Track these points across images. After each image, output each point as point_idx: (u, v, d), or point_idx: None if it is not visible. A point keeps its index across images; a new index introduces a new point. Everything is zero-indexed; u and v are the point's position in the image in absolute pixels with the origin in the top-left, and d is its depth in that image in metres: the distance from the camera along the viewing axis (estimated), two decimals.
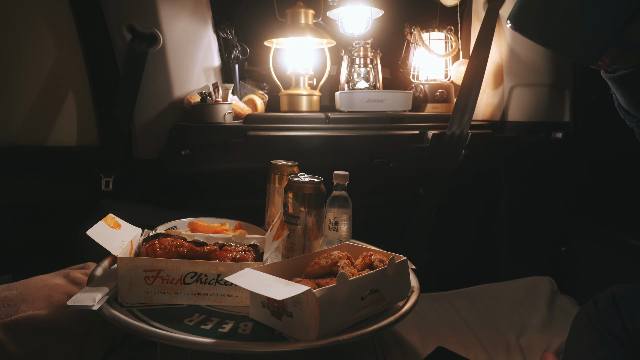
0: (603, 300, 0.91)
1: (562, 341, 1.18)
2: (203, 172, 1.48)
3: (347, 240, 1.11)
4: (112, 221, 0.94)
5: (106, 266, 0.97)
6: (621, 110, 0.80)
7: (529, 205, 1.63)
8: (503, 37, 1.56)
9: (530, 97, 1.56)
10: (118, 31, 1.45)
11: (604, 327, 0.87)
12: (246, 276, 0.75)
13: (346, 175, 1.12)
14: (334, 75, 1.81)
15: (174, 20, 1.48)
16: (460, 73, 1.64)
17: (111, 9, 1.43)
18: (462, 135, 1.47)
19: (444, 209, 1.54)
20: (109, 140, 1.50)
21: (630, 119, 0.79)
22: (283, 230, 0.92)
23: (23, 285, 0.96)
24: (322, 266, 0.85)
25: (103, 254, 0.96)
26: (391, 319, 0.80)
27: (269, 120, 1.49)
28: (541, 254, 1.63)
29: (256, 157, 1.42)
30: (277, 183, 1.17)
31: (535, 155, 1.59)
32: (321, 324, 0.71)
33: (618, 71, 0.72)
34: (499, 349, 1.20)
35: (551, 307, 1.40)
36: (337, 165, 1.14)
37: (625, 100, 0.77)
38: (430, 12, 1.76)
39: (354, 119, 1.53)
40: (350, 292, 0.76)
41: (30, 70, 1.47)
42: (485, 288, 1.50)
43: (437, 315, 1.36)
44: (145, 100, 1.50)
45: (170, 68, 1.50)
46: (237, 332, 0.75)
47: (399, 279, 0.86)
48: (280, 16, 1.67)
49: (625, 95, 0.75)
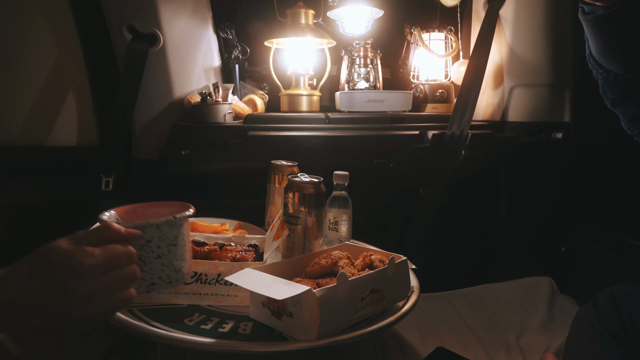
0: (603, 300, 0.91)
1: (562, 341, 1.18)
2: (203, 172, 1.48)
3: (347, 240, 1.11)
4: None
5: None
6: (590, 59, 0.80)
7: (529, 206, 1.63)
8: (503, 37, 1.56)
9: (530, 97, 1.56)
10: (118, 31, 1.45)
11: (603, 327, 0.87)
12: (246, 276, 0.75)
13: (346, 175, 1.12)
14: (334, 76, 1.81)
15: (174, 20, 1.48)
16: (460, 73, 1.64)
17: (111, 9, 1.43)
18: (462, 135, 1.47)
19: (444, 209, 1.54)
20: (109, 140, 1.50)
21: (597, 70, 0.80)
22: (283, 230, 0.92)
23: None
24: (322, 266, 0.85)
25: None
26: (391, 319, 0.80)
27: (269, 120, 1.49)
28: (541, 254, 1.63)
29: (256, 157, 1.41)
30: (277, 183, 1.17)
31: (535, 155, 1.59)
32: (321, 324, 0.71)
33: (596, 12, 0.73)
34: (498, 349, 1.20)
35: (551, 307, 1.40)
36: (337, 165, 1.14)
37: (597, 47, 0.77)
38: (431, 12, 1.76)
39: (354, 119, 1.53)
40: (350, 292, 0.76)
41: (30, 70, 1.47)
42: (485, 288, 1.50)
43: (437, 315, 1.36)
44: (145, 100, 1.50)
45: (171, 68, 1.50)
46: (237, 332, 0.75)
47: (399, 279, 0.86)
48: (281, 16, 1.67)
49: (598, 41, 0.75)
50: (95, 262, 0.56)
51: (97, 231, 0.59)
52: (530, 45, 1.52)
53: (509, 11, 1.53)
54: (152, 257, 0.64)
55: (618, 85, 0.78)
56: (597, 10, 0.73)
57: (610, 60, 0.76)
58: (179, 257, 0.67)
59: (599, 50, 0.77)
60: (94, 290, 0.56)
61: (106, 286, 0.57)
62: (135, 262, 0.60)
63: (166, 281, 0.66)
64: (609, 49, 0.75)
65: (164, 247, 0.65)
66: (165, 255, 0.65)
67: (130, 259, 0.59)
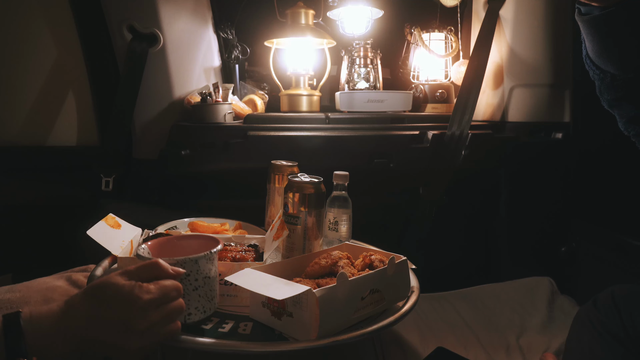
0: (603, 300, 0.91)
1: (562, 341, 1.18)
2: (203, 172, 1.48)
3: (347, 240, 1.11)
4: (112, 221, 0.94)
5: (106, 266, 0.97)
6: (587, 59, 0.80)
7: (529, 206, 1.63)
8: (503, 37, 1.56)
9: (530, 98, 1.56)
10: (118, 31, 1.45)
11: (603, 327, 0.87)
12: (246, 276, 0.75)
13: (346, 175, 1.12)
14: (334, 76, 1.81)
15: (174, 20, 1.48)
16: (460, 73, 1.64)
17: (111, 9, 1.43)
18: (462, 135, 1.47)
19: (444, 209, 1.54)
20: (109, 140, 1.50)
21: (594, 71, 0.79)
22: (283, 230, 0.92)
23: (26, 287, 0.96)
24: (322, 266, 0.85)
25: (103, 254, 0.96)
26: (391, 319, 0.80)
27: (269, 120, 1.49)
28: (541, 254, 1.63)
29: (256, 157, 1.42)
30: (277, 183, 1.17)
31: (535, 155, 1.59)
32: (321, 324, 0.71)
33: (593, 13, 0.72)
34: (498, 349, 1.20)
35: (551, 307, 1.40)
36: (337, 165, 1.14)
37: (593, 48, 0.76)
38: (431, 12, 1.76)
39: (354, 119, 1.53)
40: (350, 292, 0.76)
41: (31, 70, 1.47)
42: (485, 288, 1.50)
43: (437, 315, 1.36)
44: (145, 100, 1.50)
45: (171, 68, 1.50)
46: (237, 332, 0.75)
47: (398, 279, 0.86)
48: (281, 16, 1.67)
49: (595, 42, 0.75)
50: (152, 297, 0.61)
51: (147, 268, 0.64)
52: (530, 45, 1.52)
53: (509, 11, 1.53)
54: (190, 289, 0.70)
55: (615, 86, 0.78)
56: (594, 11, 0.72)
57: (607, 61, 0.76)
58: (213, 288, 0.74)
59: (595, 51, 0.76)
60: (150, 324, 0.60)
61: (160, 319, 0.61)
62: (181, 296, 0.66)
63: (201, 311, 0.72)
64: (606, 50, 0.75)
65: (201, 279, 0.71)
66: (201, 287, 0.72)
67: (178, 293, 0.65)
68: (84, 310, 0.60)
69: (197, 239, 0.79)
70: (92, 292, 0.61)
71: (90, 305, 0.60)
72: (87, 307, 0.60)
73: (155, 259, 0.66)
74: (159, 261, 0.66)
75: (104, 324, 0.60)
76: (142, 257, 0.70)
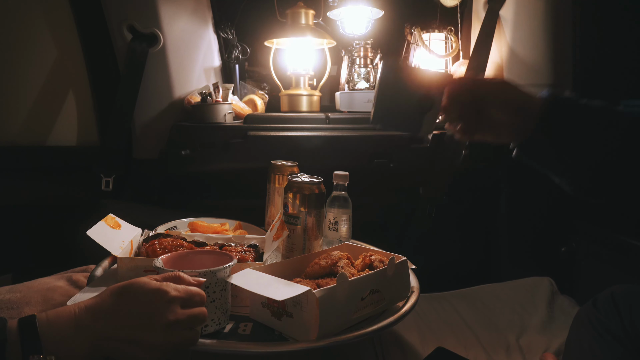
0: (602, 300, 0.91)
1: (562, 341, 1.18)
2: (203, 172, 1.48)
3: (347, 241, 1.11)
4: (112, 221, 0.94)
5: (106, 266, 0.97)
6: None
7: (529, 206, 1.63)
8: (503, 37, 1.56)
9: None
10: (118, 31, 1.45)
11: (603, 327, 0.87)
12: (246, 276, 0.75)
13: (346, 175, 1.12)
14: (334, 76, 1.81)
15: (174, 20, 1.48)
16: (460, 73, 1.64)
17: (111, 9, 1.43)
18: None
19: (444, 209, 1.54)
20: (109, 140, 1.50)
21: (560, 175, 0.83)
22: (283, 230, 0.92)
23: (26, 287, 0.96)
24: (322, 266, 0.85)
25: (103, 254, 0.96)
26: (391, 319, 0.80)
27: (269, 120, 1.49)
28: (541, 254, 1.63)
29: (256, 157, 1.42)
30: (277, 183, 1.17)
31: None
32: (321, 324, 0.71)
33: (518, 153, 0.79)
34: (498, 349, 1.20)
35: (551, 307, 1.40)
36: (337, 166, 1.14)
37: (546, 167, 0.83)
38: (431, 12, 1.76)
39: (354, 119, 1.53)
40: (350, 292, 0.76)
41: (31, 70, 1.47)
42: (485, 288, 1.50)
43: (437, 315, 1.36)
44: (145, 100, 1.50)
45: (171, 68, 1.50)
46: (237, 332, 0.75)
47: (398, 279, 0.86)
48: (281, 16, 1.67)
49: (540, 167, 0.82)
50: (179, 294, 0.62)
51: (170, 277, 0.66)
52: (530, 45, 1.52)
53: (509, 11, 1.53)
54: (209, 301, 0.71)
55: None
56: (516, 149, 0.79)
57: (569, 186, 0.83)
58: (227, 300, 0.76)
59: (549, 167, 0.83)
60: (174, 319, 0.61)
61: (183, 318, 0.62)
62: None
63: (216, 322, 0.74)
64: (556, 176, 0.82)
65: (218, 292, 0.73)
66: (218, 299, 0.73)
67: (202, 300, 0.66)
68: (109, 306, 0.61)
69: (211, 254, 0.81)
70: (118, 290, 0.62)
71: (115, 301, 0.61)
72: (113, 303, 0.61)
73: (177, 272, 0.68)
74: (180, 274, 0.67)
75: (128, 317, 0.60)
76: (160, 269, 0.71)
